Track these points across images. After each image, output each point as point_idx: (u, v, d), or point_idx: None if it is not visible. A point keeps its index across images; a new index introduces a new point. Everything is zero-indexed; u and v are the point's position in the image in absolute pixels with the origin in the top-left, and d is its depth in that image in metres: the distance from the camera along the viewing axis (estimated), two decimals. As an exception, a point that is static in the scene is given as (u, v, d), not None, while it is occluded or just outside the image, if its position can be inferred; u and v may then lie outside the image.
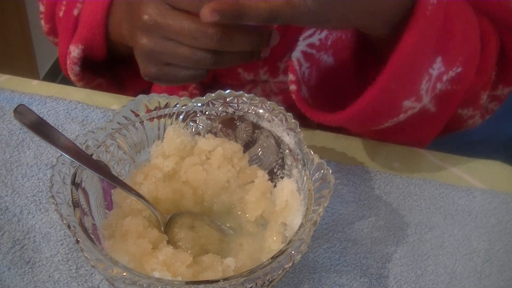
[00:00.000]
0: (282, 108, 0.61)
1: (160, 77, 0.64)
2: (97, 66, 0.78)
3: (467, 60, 0.67)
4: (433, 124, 0.74)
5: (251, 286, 0.48)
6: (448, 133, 0.82)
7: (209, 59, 0.60)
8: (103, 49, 0.74)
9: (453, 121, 0.77)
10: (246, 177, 0.62)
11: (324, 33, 0.71)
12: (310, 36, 0.71)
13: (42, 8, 0.84)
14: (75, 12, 0.75)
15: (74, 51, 0.73)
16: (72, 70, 0.75)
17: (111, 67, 0.80)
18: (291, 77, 0.70)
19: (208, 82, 0.83)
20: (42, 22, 0.85)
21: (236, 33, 0.58)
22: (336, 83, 0.73)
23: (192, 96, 0.81)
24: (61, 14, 0.79)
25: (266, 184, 0.61)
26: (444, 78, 0.66)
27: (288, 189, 0.59)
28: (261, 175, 0.61)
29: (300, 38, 0.71)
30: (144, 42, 0.61)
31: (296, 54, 0.70)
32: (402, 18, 0.61)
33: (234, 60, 0.62)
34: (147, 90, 0.86)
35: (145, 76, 0.65)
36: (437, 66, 0.64)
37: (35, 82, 0.80)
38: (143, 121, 0.61)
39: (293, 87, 0.70)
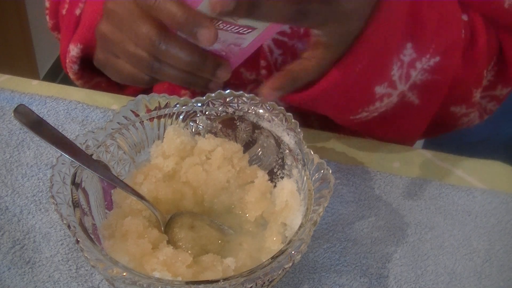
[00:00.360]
0: (282, 108, 0.61)
1: (105, 67, 0.65)
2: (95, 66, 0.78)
3: (446, 49, 0.67)
4: (418, 116, 0.74)
5: (251, 286, 0.48)
6: (444, 131, 0.82)
7: (149, 64, 0.60)
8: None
9: (446, 118, 0.77)
10: (246, 177, 0.62)
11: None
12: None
13: (47, 3, 0.84)
14: (77, 11, 0.75)
15: (73, 50, 0.73)
16: (71, 68, 0.75)
17: None
18: (262, 63, 0.72)
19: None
20: (47, 17, 0.85)
21: (177, 47, 0.58)
22: None
23: (194, 94, 0.82)
24: (64, 12, 0.79)
25: (266, 184, 0.61)
26: (418, 65, 0.67)
27: (288, 189, 0.59)
28: (261, 176, 0.61)
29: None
30: (101, 27, 0.62)
31: (267, 42, 0.72)
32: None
33: (174, 77, 0.61)
34: (148, 90, 0.86)
35: (95, 62, 0.66)
36: (408, 53, 0.65)
37: (35, 82, 0.80)
38: (143, 121, 0.61)
39: (264, 72, 0.73)
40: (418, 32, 0.65)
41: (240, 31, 0.57)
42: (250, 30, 0.57)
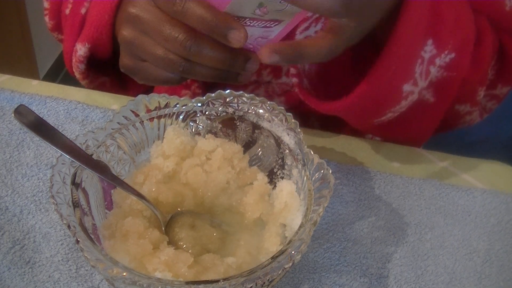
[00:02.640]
0: (282, 108, 0.61)
1: (134, 72, 0.65)
2: (101, 65, 0.78)
3: (460, 46, 0.68)
4: (432, 115, 0.74)
5: (251, 286, 0.48)
6: (445, 130, 0.82)
7: (180, 66, 0.60)
8: (108, 48, 0.74)
9: (450, 116, 0.77)
10: (245, 178, 0.62)
11: (320, 24, 0.71)
12: (307, 28, 0.71)
13: (46, 4, 0.84)
14: (83, 10, 0.75)
15: (81, 49, 0.73)
16: (77, 68, 0.75)
17: (116, 66, 0.81)
18: (292, 70, 0.71)
19: (210, 82, 0.83)
20: (46, 18, 0.85)
21: (207, 47, 0.58)
22: (335, 72, 0.74)
23: (194, 95, 0.82)
24: (67, 11, 0.79)
25: (264, 187, 0.61)
26: (437, 61, 0.67)
27: (287, 190, 0.59)
28: (261, 178, 0.61)
29: (297, 32, 0.71)
30: (125, 33, 0.62)
31: None
32: (395, 5, 0.62)
33: (206, 75, 0.61)
34: (149, 90, 0.86)
35: (121, 68, 0.66)
36: (429, 49, 0.66)
37: (35, 82, 0.80)
38: (143, 121, 0.61)
39: (294, 80, 0.71)
40: (438, 28, 0.65)
41: (267, 25, 0.58)
42: (276, 23, 0.58)
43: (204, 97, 0.63)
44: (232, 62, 0.60)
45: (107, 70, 0.80)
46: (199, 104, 0.63)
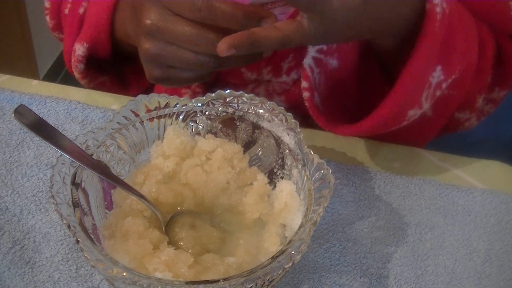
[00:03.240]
0: (282, 108, 0.61)
1: (164, 80, 0.64)
2: (101, 64, 0.78)
3: (466, 68, 0.68)
4: (430, 127, 0.75)
5: (251, 286, 0.48)
6: (443, 134, 0.82)
7: (212, 62, 0.61)
8: (107, 47, 0.74)
9: (450, 123, 0.77)
10: (245, 179, 0.62)
11: None
12: None
13: (47, 4, 0.84)
14: (81, 10, 0.75)
15: (79, 49, 0.73)
16: (76, 68, 0.76)
17: (115, 65, 0.81)
18: (304, 84, 0.71)
19: (211, 81, 0.83)
20: (47, 17, 0.85)
21: None
22: (341, 87, 0.74)
23: (195, 94, 0.82)
24: (66, 11, 0.79)
25: (264, 187, 0.61)
26: (443, 86, 0.67)
27: (287, 190, 0.59)
28: (261, 179, 0.61)
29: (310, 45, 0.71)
30: (147, 46, 0.61)
31: (308, 61, 0.71)
32: (409, 29, 0.63)
33: (237, 62, 0.62)
34: (150, 88, 0.86)
35: (150, 79, 0.65)
36: (437, 75, 0.65)
37: (35, 82, 0.80)
38: (143, 121, 0.61)
39: (306, 94, 0.71)
40: (449, 56, 0.65)
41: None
42: None
43: (204, 97, 0.63)
44: (249, 23, 0.59)
45: (107, 69, 0.80)
46: (199, 104, 0.63)
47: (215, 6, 0.56)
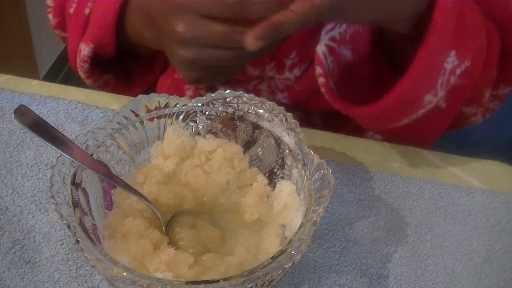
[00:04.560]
0: (282, 108, 0.61)
1: (204, 80, 0.65)
2: (105, 63, 0.78)
3: (476, 54, 0.68)
4: (443, 119, 0.75)
5: (251, 286, 0.48)
6: (450, 130, 0.82)
7: (250, 53, 0.60)
8: (112, 48, 0.74)
9: (457, 118, 0.78)
10: (245, 179, 0.62)
11: (344, 26, 0.72)
12: (332, 29, 0.72)
13: (50, 2, 0.84)
14: (86, 11, 0.76)
15: (85, 49, 0.74)
16: (81, 67, 0.76)
17: (120, 63, 0.81)
18: (318, 70, 0.71)
19: None
20: (50, 16, 0.85)
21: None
22: (355, 78, 0.75)
23: (197, 90, 0.82)
24: (71, 10, 0.79)
25: (264, 188, 0.61)
26: (458, 71, 0.67)
27: (286, 191, 0.59)
28: (261, 180, 0.61)
29: (322, 32, 0.72)
30: (183, 53, 0.62)
31: (321, 48, 0.72)
32: (421, 13, 0.63)
33: (267, 48, 0.62)
34: (153, 86, 0.86)
35: (190, 82, 0.66)
36: (451, 60, 0.66)
37: (35, 82, 0.80)
38: (143, 121, 0.61)
39: (321, 80, 0.71)
40: (461, 39, 0.66)
41: None
42: None
43: (204, 97, 0.63)
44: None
45: (111, 68, 0.80)
46: (199, 104, 0.63)
47: (246, 0, 0.57)
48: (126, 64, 0.82)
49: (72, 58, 0.77)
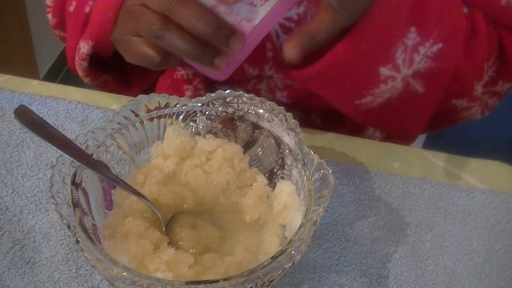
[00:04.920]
0: (282, 108, 0.61)
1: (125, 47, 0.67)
2: (105, 62, 0.78)
3: (448, 36, 0.69)
4: (423, 105, 0.75)
5: (251, 286, 0.48)
6: (445, 125, 0.82)
7: (157, 31, 0.61)
8: (111, 46, 0.74)
9: (447, 111, 0.78)
10: (245, 180, 0.62)
11: (302, 8, 0.72)
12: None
13: (49, 2, 0.84)
14: (87, 9, 0.76)
15: (84, 47, 0.74)
16: (80, 66, 0.76)
17: (118, 63, 0.81)
18: (268, 45, 0.73)
19: (211, 78, 0.83)
20: (50, 15, 0.85)
21: (193, 12, 0.59)
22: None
23: (197, 90, 0.82)
24: (71, 9, 0.79)
25: (264, 189, 0.61)
26: (422, 50, 0.68)
27: (286, 191, 0.59)
28: (261, 180, 0.61)
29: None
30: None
31: (275, 27, 0.73)
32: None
33: (185, 48, 0.61)
34: (152, 87, 0.86)
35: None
36: (412, 36, 0.67)
37: (35, 82, 0.80)
38: (143, 121, 0.61)
39: (269, 54, 0.74)
40: (422, 17, 0.67)
41: (254, 2, 0.59)
42: (263, 2, 0.59)
43: (204, 97, 0.63)
44: (215, 32, 0.59)
45: (110, 67, 0.80)
46: (199, 104, 0.63)
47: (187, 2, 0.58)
48: (124, 64, 0.82)
49: (71, 56, 0.77)
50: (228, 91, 0.62)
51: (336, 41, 0.64)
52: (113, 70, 0.81)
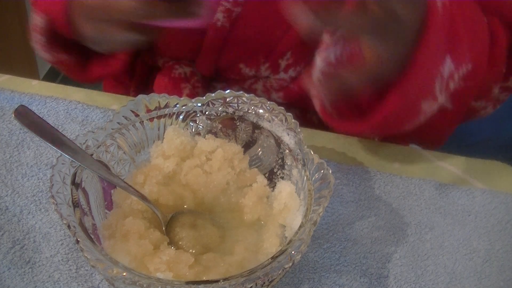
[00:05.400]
0: (282, 108, 0.61)
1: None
2: (66, 42, 0.77)
3: (477, 56, 0.68)
4: (451, 120, 0.75)
5: (251, 286, 0.48)
6: (460, 123, 0.82)
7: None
8: (65, 26, 0.73)
9: (467, 113, 0.78)
10: (245, 180, 0.62)
11: (339, 50, 0.71)
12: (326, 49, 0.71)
13: None
14: None
15: (36, 19, 0.73)
16: (36, 38, 0.74)
17: (79, 45, 0.79)
18: (313, 92, 0.70)
19: (210, 76, 0.83)
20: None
21: None
22: (355, 99, 0.74)
23: (194, 89, 0.82)
24: None
25: (263, 189, 0.61)
26: (456, 76, 0.67)
27: (286, 191, 0.59)
28: (260, 180, 0.61)
29: (316, 54, 0.71)
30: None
31: (316, 74, 0.71)
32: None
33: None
34: (150, 85, 0.86)
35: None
36: (447, 65, 0.66)
37: (35, 82, 0.80)
38: (143, 121, 0.61)
39: (316, 102, 0.70)
40: (456, 45, 0.66)
41: None
42: None
43: (204, 97, 0.63)
44: None
45: (70, 48, 0.78)
46: (199, 104, 0.63)
47: None
48: (84, 48, 0.81)
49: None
50: (228, 91, 0.62)
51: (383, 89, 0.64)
52: (71, 51, 0.79)
